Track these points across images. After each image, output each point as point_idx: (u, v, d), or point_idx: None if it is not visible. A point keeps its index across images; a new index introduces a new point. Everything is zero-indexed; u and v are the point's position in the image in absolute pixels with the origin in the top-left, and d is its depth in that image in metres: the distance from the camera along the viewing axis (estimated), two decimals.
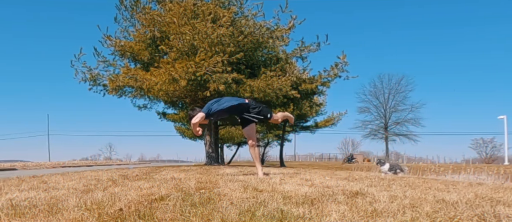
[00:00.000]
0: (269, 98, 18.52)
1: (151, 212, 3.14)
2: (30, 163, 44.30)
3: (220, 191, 4.75)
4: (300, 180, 6.81)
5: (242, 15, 19.17)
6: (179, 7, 17.45)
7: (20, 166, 31.39)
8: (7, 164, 35.28)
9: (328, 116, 36.10)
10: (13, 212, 3.23)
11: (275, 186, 5.40)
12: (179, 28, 16.92)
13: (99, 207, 3.44)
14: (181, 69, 16.43)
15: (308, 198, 4.06)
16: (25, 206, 3.56)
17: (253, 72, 19.39)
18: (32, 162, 46.59)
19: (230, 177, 7.55)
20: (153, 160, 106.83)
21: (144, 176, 8.07)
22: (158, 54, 19.19)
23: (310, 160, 77.99)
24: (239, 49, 17.55)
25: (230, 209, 3.27)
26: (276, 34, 18.82)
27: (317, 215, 3.10)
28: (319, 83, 21.41)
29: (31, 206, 3.51)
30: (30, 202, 3.82)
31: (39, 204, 3.67)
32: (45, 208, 3.39)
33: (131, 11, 19.67)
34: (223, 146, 43.46)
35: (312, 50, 20.55)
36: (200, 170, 11.13)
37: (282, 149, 35.52)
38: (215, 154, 22.39)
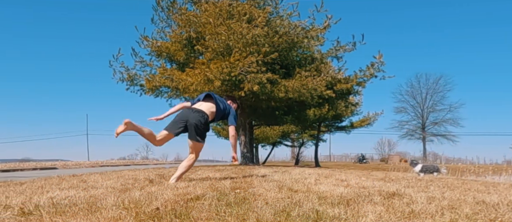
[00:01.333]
0: (304, 98, 18.44)
1: (187, 211, 3.17)
2: (70, 162, 45.28)
3: (255, 191, 4.76)
4: (336, 181, 6.76)
5: (277, 15, 19.13)
6: (215, 8, 17.55)
7: (61, 165, 32.11)
8: (48, 163, 36.14)
9: (364, 116, 35.73)
10: (54, 210, 3.30)
11: (310, 186, 5.37)
12: (214, 29, 17.00)
13: (136, 206, 3.49)
14: (216, 69, 16.51)
15: (344, 199, 4.02)
16: (66, 204, 3.63)
17: (287, 72, 19.34)
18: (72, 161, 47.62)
19: (265, 177, 7.55)
20: None
21: None
22: (193, 54, 19.33)
23: (346, 161, 77.23)
24: (273, 49, 17.53)
25: (265, 209, 3.26)
26: (311, 34, 18.72)
27: (353, 215, 3.07)
28: (355, 83, 21.18)
29: (71, 205, 3.58)
30: (70, 201, 3.90)
31: (79, 202, 3.74)
32: (85, 207, 3.46)
33: (167, 12, 19.89)
34: (258, 146, 43.48)
35: (348, 50, 20.37)
36: (235, 170, 11.16)
37: (317, 149, 35.36)
38: (250, 154, 22.41)
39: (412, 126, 66.93)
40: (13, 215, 3.14)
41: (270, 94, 17.81)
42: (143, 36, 19.98)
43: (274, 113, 24.05)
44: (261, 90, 17.04)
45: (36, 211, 3.27)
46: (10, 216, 3.09)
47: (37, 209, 3.36)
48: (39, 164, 33.57)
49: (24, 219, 2.99)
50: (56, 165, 31.59)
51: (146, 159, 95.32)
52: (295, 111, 23.93)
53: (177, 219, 2.92)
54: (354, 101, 32.33)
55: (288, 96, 17.94)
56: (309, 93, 17.95)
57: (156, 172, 9.76)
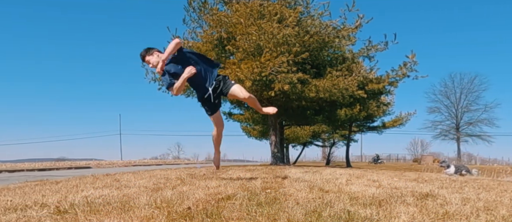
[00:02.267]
0: (335, 98, 18.34)
1: (218, 211, 3.18)
2: (104, 161, 46.10)
3: (285, 191, 4.75)
4: (367, 181, 6.70)
5: (308, 15, 19.05)
6: (246, 8, 17.59)
7: (95, 164, 32.71)
8: (82, 162, 36.87)
9: (396, 116, 35.28)
10: (88, 209, 3.36)
11: (341, 187, 5.34)
12: (245, 29, 17.05)
13: (168, 205, 3.52)
14: (247, 69, 16.55)
15: (376, 199, 3.98)
16: (100, 203, 3.70)
17: (318, 72, 19.26)
18: (105, 161, 48.47)
19: (295, 177, 7.53)
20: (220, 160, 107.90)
21: (211, 175, 8.19)
22: (224, 54, 19.42)
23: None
24: (304, 49, 17.47)
25: (296, 209, 3.26)
26: (342, 34, 18.60)
27: (385, 216, 3.04)
28: (387, 83, 20.96)
29: (105, 203, 3.64)
30: (104, 200, 3.97)
31: (112, 201, 3.80)
32: (118, 206, 3.51)
33: (198, 13, 20.01)
34: (288, 146, 43.39)
35: (380, 49, 20.16)
36: (265, 170, 11.16)
37: (348, 149, 35.13)
38: (280, 153, 22.41)
39: (445, 126, 65.86)
40: (49, 213, 3.20)
41: (300, 94, 17.76)
42: (175, 37, 20.15)
43: (305, 113, 23.98)
44: (292, 90, 17.01)
45: (71, 210, 3.34)
46: (46, 214, 3.15)
47: (72, 208, 3.43)
48: (74, 163, 34.26)
49: (59, 217, 3.05)
50: (90, 164, 32.18)
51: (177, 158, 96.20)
52: (326, 111, 23.81)
53: (208, 219, 2.94)
54: (386, 101, 31.99)
55: (319, 96, 17.87)
56: (340, 93, 17.85)
57: (188, 171, 9.83)
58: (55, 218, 3.00)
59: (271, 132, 21.54)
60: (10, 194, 5.01)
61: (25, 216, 3.11)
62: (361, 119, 31.47)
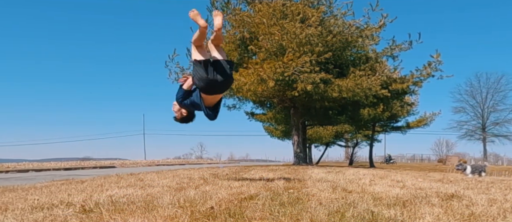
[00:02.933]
0: (358, 98, 18.22)
1: (241, 211, 3.19)
2: (128, 161, 46.54)
3: (308, 191, 4.74)
4: (391, 181, 6.64)
5: (331, 15, 18.95)
6: (268, 8, 17.58)
7: (119, 164, 33.03)
8: (107, 162, 37.23)
9: (421, 116, 34.84)
10: (113, 208, 3.40)
11: (364, 187, 5.31)
12: (268, 29, 17.04)
13: (191, 204, 3.54)
14: (269, 69, 16.55)
15: (400, 200, 3.95)
16: (124, 202, 3.74)
17: (341, 72, 19.14)
18: (129, 160, 48.91)
19: (318, 177, 7.51)
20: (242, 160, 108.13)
21: (233, 175, 8.21)
22: (247, 55, 19.44)
23: (401, 161, 75.61)
24: (327, 48, 17.39)
25: (319, 210, 3.25)
26: (366, 33, 18.46)
27: (410, 217, 3.01)
28: (411, 82, 20.74)
29: (129, 203, 3.68)
30: (128, 199, 4.01)
31: (136, 200, 3.84)
32: (142, 205, 3.54)
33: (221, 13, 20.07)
34: (311, 146, 43.23)
35: (404, 49, 19.96)
36: (288, 170, 11.15)
37: (371, 150, 34.85)
38: (303, 154, 22.34)
39: (471, 126, 64.67)
40: (75, 212, 3.25)
41: (323, 94, 17.69)
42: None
43: (328, 113, 23.88)
44: (315, 90, 16.96)
45: (96, 209, 3.38)
46: (72, 213, 3.20)
47: (97, 207, 3.47)
48: (98, 163, 34.65)
49: (85, 216, 3.09)
50: (114, 163, 32.50)
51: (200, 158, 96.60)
52: (349, 111, 23.68)
53: (231, 218, 2.95)
54: (410, 101, 31.64)
55: (342, 96, 17.77)
56: (363, 92, 17.73)
57: (210, 171, 9.88)
58: (80, 217, 3.04)
59: (293, 132, 21.50)
60: (37, 193, 5.10)
61: (52, 215, 3.15)
62: (384, 118, 31.18)
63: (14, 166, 25.98)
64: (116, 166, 28.71)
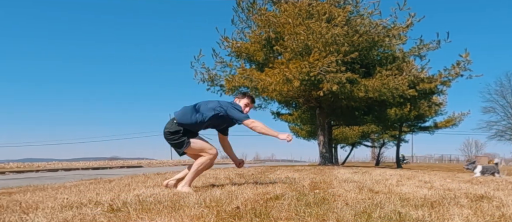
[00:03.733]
0: (385, 98, 18.05)
1: (266, 211, 3.19)
2: (154, 160, 47.07)
3: (334, 191, 4.72)
4: (418, 182, 6.57)
5: (358, 14, 18.81)
6: (294, 8, 17.55)
7: (146, 163, 33.43)
8: (134, 162, 37.70)
9: (449, 116, 34.29)
10: (140, 207, 3.44)
11: (391, 188, 5.26)
12: (293, 29, 17.00)
13: (217, 204, 3.56)
14: (295, 69, 16.51)
15: (428, 201, 3.90)
16: (151, 202, 3.78)
17: (368, 72, 18.99)
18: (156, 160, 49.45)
19: (344, 177, 7.47)
20: (268, 160, 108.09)
21: (259, 175, 8.22)
22: (272, 55, 19.43)
23: (429, 162, 74.59)
24: (353, 48, 17.27)
25: (345, 210, 3.23)
26: (392, 33, 18.27)
27: (438, 218, 2.97)
28: (439, 82, 20.43)
29: (156, 202, 3.72)
30: (155, 198, 4.05)
31: (163, 200, 3.87)
32: (169, 204, 3.57)
33: (247, 13, 20.13)
34: (337, 146, 43.00)
35: (432, 48, 19.67)
36: (314, 170, 11.11)
37: (398, 150, 34.44)
38: (329, 154, 22.22)
39: (501, 127, 63.29)
40: (103, 211, 3.29)
41: (349, 94, 17.58)
42: (224, 37, 20.34)
43: (354, 113, 23.72)
44: (340, 90, 16.86)
45: (124, 208, 3.42)
46: (100, 212, 3.24)
47: (125, 206, 3.51)
48: (126, 162, 35.13)
49: (113, 215, 3.13)
50: (141, 163, 32.90)
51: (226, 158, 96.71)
52: (375, 111, 23.48)
53: (257, 218, 2.95)
54: (438, 101, 31.18)
55: (368, 95, 17.63)
56: (390, 92, 17.55)
57: (236, 171, 9.91)
58: (108, 216, 3.08)
59: (319, 132, 21.40)
60: (66, 192, 5.18)
61: (81, 213, 3.20)
62: (411, 119, 30.83)
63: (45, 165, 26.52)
64: (143, 166, 29.04)
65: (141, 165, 29.61)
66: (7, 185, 8.29)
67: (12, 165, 26.13)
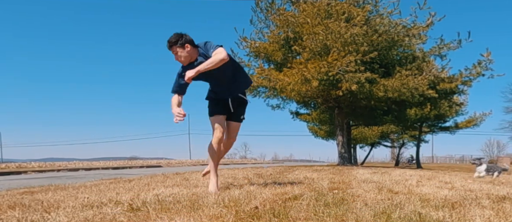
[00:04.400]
0: (404, 98, 17.91)
1: (285, 211, 3.18)
2: (173, 160, 47.27)
3: (353, 191, 4.69)
4: (439, 182, 6.50)
5: (377, 14, 18.70)
6: (313, 8, 17.52)
7: (165, 163, 33.58)
8: (153, 161, 37.90)
9: (470, 116, 33.87)
10: (159, 207, 3.46)
11: (411, 188, 5.21)
12: (312, 28, 16.98)
13: (236, 204, 3.56)
14: (313, 69, 16.48)
15: (448, 202, 3.85)
16: (170, 201, 3.79)
17: (387, 72, 18.88)
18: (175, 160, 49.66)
19: (363, 177, 7.42)
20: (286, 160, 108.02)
21: (278, 175, 8.21)
22: (291, 54, 19.42)
23: (450, 162, 73.79)
24: (373, 48, 17.18)
25: (364, 211, 3.20)
26: (412, 32, 18.13)
27: (459, 219, 2.93)
28: (460, 82, 20.24)
29: (175, 202, 3.72)
30: (174, 198, 4.06)
31: (182, 200, 3.88)
32: (188, 204, 3.58)
33: (266, 13, 20.16)
34: (356, 146, 42.79)
35: (452, 48, 19.49)
36: (332, 170, 11.07)
37: (418, 150, 34.16)
38: (347, 154, 22.14)
39: None
40: (123, 211, 3.31)
41: (368, 93, 17.49)
42: (242, 37, 20.39)
43: (373, 113, 23.58)
44: (359, 89, 16.78)
45: (144, 207, 3.44)
46: (120, 212, 3.26)
47: (144, 206, 3.53)
48: (145, 162, 35.33)
49: (132, 214, 3.15)
50: (160, 163, 33.05)
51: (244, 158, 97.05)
52: (394, 111, 23.32)
53: (275, 218, 2.94)
54: (459, 101, 30.83)
55: (388, 95, 17.53)
56: (409, 92, 17.42)
57: (254, 171, 9.91)
58: (128, 216, 3.10)
59: (338, 132, 21.33)
60: (87, 191, 5.23)
61: (101, 213, 3.23)
62: (432, 119, 30.55)
63: (66, 165, 26.82)
64: (162, 166, 29.17)
65: (160, 165, 29.74)
66: (29, 184, 8.40)
67: (34, 164, 26.44)
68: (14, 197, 4.78)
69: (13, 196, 5.07)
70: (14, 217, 3.11)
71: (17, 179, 12.65)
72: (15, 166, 23.52)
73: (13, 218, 3.10)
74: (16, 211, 3.42)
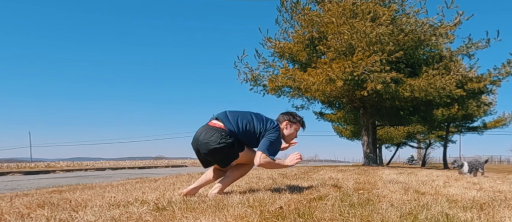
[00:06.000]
0: (431, 98, 17.67)
1: (310, 211, 3.18)
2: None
3: (379, 192, 4.65)
4: (467, 183, 6.40)
5: (403, 13, 18.50)
6: (338, 7, 17.42)
7: (190, 163, 33.79)
8: (178, 161, 38.18)
9: (499, 116, 33.27)
10: (185, 206, 3.48)
11: (438, 189, 5.14)
12: (337, 28, 16.88)
13: (260, 204, 3.57)
14: (338, 69, 16.38)
15: (477, 203, 3.80)
16: (195, 201, 3.82)
17: (413, 71, 18.66)
18: None
19: (389, 178, 7.36)
20: (311, 160, 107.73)
21: (302, 175, 8.19)
22: (315, 54, 19.35)
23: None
24: (398, 47, 17.00)
25: (390, 211, 3.18)
26: (439, 31, 17.87)
27: (488, 220, 2.89)
28: (488, 82, 19.90)
29: (200, 202, 3.75)
30: (199, 198, 4.10)
31: (207, 200, 3.91)
32: (212, 204, 3.61)
33: (291, 13, 20.13)
34: (381, 146, 42.40)
35: (480, 47, 19.17)
36: (358, 171, 11.00)
37: (445, 151, 33.65)
38: (373, 154, 21.95)
39: None
40: (149, 210, 3.35)
41: (394, 93, 17.31)
42: (267, 38, 20.41)
43: (399, 113, 23.33)
44: (385, 89, 16.62)
45: (169, 207, 3.47)
46: (146, 211, 3.30)
47: (170, 205, 3.57)
48: (170, 162, 35.63)
49: (158, 214, 3.18)
50: (185, 163, 33.29)
51: None
52: (421, 111, 23.03)
53: (300, 219, 2.94)
54: (487, 100, 30.31)
55: (414, 95, 17.32)
56: (436, 92, 17.18)
57: (279, 171, 9.90)
58: (154, 215, 3.13)
59: (363, 132, 21.17)
60: (113, 190, 5.30)
61: (127, 212, 3.27)
62: (459, 119, 30.10)
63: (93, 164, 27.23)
64: (187, 165, 29.37)
65: (185, 165, 29.97)
66: (57, 183, 8.55)
67: (62, 164, 26.91)
68: (43, 196, 4.87)
69: (42, 194, 5.17)
70: (43, 216, 3.17)
71: (46, 178, 12.89)
72: (44, 165, 23.98)
73: (42, 216, 3.16)
74: (45, 209, 3.49)
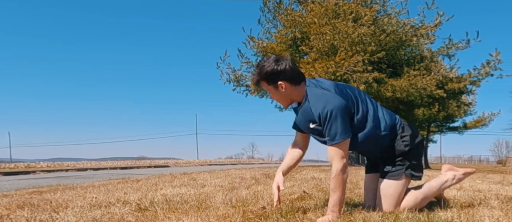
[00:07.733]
0: (412, 98, 17.85)
1: (292, 211, 3.18)
2: (181, 160, 47.42)
3: (361, 191, 4.69)
4: None
5: (385, 14, 18.66)
6: (321, 8, 17.49)
7: (172, 163, 33.66)
8: (161, 161, 37.99)
9: (479, 116, 33.71)
10: (167, 206, 3.47)
11: None
12: (319, 28, 16.95)
13: (243, 204, 3.57)
14: (321, 69, 16.45)
15: (457, 202, 3.84)
16: (178, 201, 3.80)
17: (395, 72, 18.82)
18: (182, 160, 49.82)
19: None
20: None
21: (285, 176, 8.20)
22: (298, 54, 19.40)
23: (458, 162, 73.46)
24: (380, 48, 17.13)
25: (372, 211, 3.20)
26: (420, 32, 18.07)
27: (467, 220, 2.91)
28: (468, 82, 20.17)
29: (182, 202, 3.74)
30: (181, 198, 4.08)
31: (190, 200, 3.90)
32: (195, 204, 3.60)
33: (273, 13, 20.15)
34: None
35: (461, 47, 19.41)
36: None
37: (426, 151, 34.05)
38: (355, 154, 22.09)
39: None
40: (131, 211, 3.33)
41: (376, 94, 17.44)
42: (250, 37, 20.40)
43: None
44: (367, 90, 16.74)
45: (151, 207, 3.46)
46: (128, 211, 3.28)
47: (152, 205, 3.55)
48: (153, 162, 35.46)
49: (140, 214, 3.16)
50: (168, 163, 33.13)
51: (251, 158, 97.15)
52: (402, 111, 23.24)
53: (283, 219, 2.94)
54: (467, 101, 30.69)
55: (396, 96, 17.48)
56: (417, 92, 17.36)
57: (262, 171, 9.92)
58: (136, 215, 3.11)
59: None
60: (95, 191, 5.26)
61: (109, 212, 3.25)
62: (440, 119, 30.44)
63: (74, 164, 26.95)
64: (170, 166, 29.23)
65: (168, 165, 29.82)
66: (38, 184, 8.45)
67: (42, 164, 26.62)
68: (23, 197, 4.82)
69: (22, 195, 5.10)
70: (23, 217, 3.14)
71: (26, 179, 12.73)
72: (24, 166, 23.70)
73: (22, 217, 3.12)
74: (25, 210, 3.45)
